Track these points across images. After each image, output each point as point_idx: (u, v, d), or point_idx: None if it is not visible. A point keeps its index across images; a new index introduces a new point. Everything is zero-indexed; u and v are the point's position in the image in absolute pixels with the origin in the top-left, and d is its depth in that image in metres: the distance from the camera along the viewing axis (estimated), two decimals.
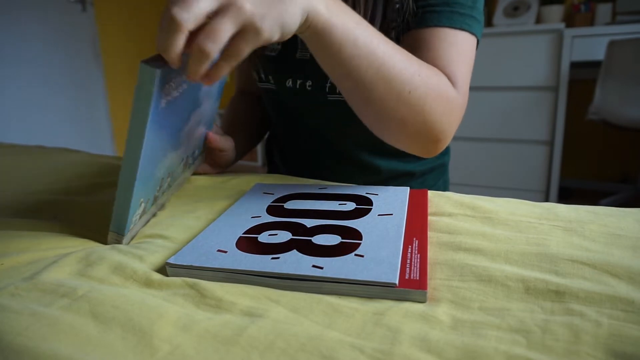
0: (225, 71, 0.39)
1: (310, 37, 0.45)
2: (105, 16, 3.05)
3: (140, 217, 0.48)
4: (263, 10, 0.37)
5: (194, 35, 0.36)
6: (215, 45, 0.35)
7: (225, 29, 0.35)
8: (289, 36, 0.41)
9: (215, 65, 0.38)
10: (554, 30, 2.08)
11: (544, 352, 0.26)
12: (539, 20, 2.36)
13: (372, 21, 0.58)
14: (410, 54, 0.51)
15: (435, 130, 0.53)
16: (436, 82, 0.52)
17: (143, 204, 0.47)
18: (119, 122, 3.27)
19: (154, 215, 0.53)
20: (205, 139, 0.62)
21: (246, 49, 0.38)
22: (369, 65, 0.47)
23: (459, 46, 0.57)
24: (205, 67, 0.37)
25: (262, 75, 0.72)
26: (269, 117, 0.86)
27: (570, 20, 2.35)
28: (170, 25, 0.34)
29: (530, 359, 0.26)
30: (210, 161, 0.68)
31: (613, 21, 2.25)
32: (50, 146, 0.96)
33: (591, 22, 2.30)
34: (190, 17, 0.34)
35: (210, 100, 0.56)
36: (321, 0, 0.43)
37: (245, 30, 0.37)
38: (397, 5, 0.59)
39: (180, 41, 0.35)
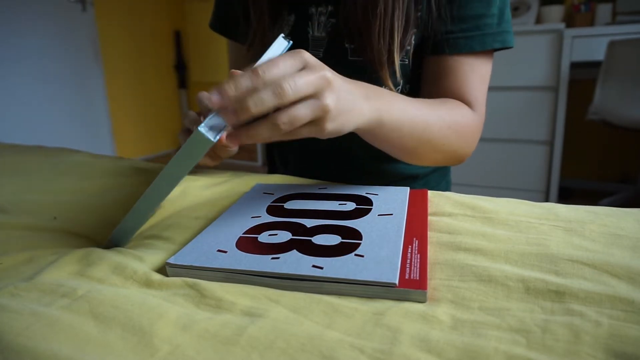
0: (263, 139, 0.39)
1: (366, 132, 0.49)
2: (105, 16, 3.05)
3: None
4: (337, 113, 0.39)
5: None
6: (289, 128, 0.37)
7: (304, 119, 0.38)
8: (338, 131, 0.42)
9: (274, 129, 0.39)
10: (554, 31, 2.08)
11: (544, 352, 0.26)
12: (539, 20, 2.36)
13: (391, 28, 0.59)
14: (441, 108, 0.58)
15: (460, 156, 0.63)
16: (464, 122, 0.60)
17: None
18: (118, 122, 3.27)
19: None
20: None
21: (304, 136, 0.40)
22: (412, 139, 0.54)
23: (482, 70, 0.63)
24: (271, 108, 0.36)
25: None
26: None
27: (570, 20, 2.35)
28: (275, 91, 0.35)
29: (530, 359, 0.26)
30: (212, 154, 0.67)
31: (613, 21, 2.25)
32: (50, 146, 0.96)
33: (591, 22, 2.30)
34: (293, 96, 0.36)
35: None
36: (378, 108, 0.47)
37: (313, 123, 0.39)
38: (419, 14, 0.60)
39: (273, 107, 0.36)
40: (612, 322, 0.29)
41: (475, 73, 0.62)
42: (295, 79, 0.36)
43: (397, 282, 0.33)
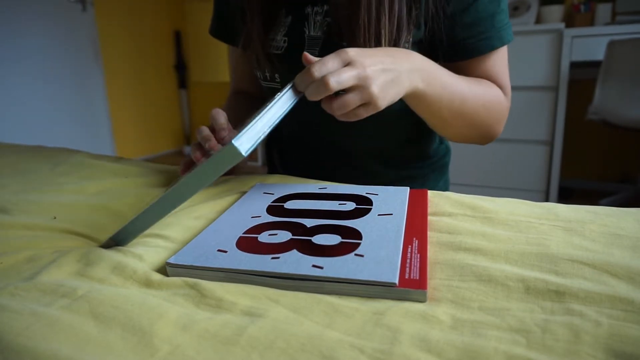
0: (337, 113, 0.48)
1: (409, 100, 0.56)
2: (105, 16, 3.05)
3: None
4: (383, 93, 0.48)
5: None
6: (343, 113, 0.48)
7: (354, 104, 0.47)
8: (390, 103, 0.50)
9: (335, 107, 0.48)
10: (554, 30, 2.08)
11: (544, 352, 0.26)
12: (538, 20, 2.36)
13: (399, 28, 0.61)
14: (478, 86, 0.63)
15: (493, 133, 0.68)
16: (496, 101, 0.65)
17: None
18: (118, 122, 3.27)
19: None
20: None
21: (363, 115, 0.49)
22: (450, 111, 0.60)
23: (504, 58, 0.68)
24: (319, 96, 0.46)
25: (268, 75, 0.72)
26: None
27: (570, 20, 2.35)
28: (321, 85, 0.45)
29: (530, 359, 0.26)
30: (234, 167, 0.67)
31: (613, 21, 2.25)
32: (50, 146, 0.96)
33: (591, 22, 2.30)
34: (336, 86, 0.45)
35: None
36: (420, 77, 0.53)
37: (366, 104, 0.48)
38: (417, 12, 0.62)
39: (325, 95, 0.46)
40: (612, 322, 0.29)
41: (499, 63, 0.67)
42: (340, 74, 0.45)
43: (397, 281, 0.33)
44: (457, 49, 0.64)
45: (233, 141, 0.36)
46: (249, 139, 0.38)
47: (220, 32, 0.80)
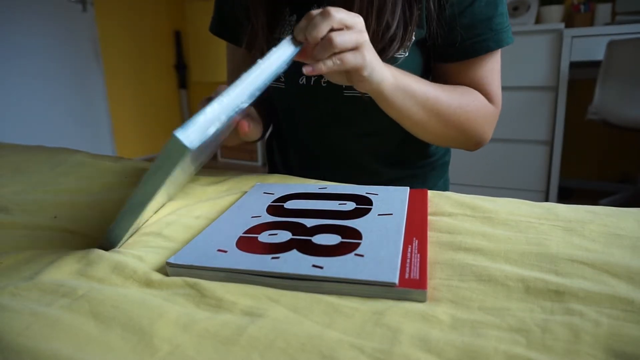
0: (324, 72, 0.50)
1: (381, 96, 0.57)
2: (105, 16, 3.05)
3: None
4: (372, 65, 0.51)
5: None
6: (340, 41, 0.48)
7: (351, 40, 0.49)
8: (371, 82, 0.53)
9: (321, 62, 0.49)
10: (554, 30, 2.08)
11: (543, 352, 0.26)
12: (538, 20, 2.36)
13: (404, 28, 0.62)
14: (453, 90, 0.64)
15: (475, 139, 0.68)
16: (475, 106, 0.65)
17: (143, 221, 0.47)
18: (118, 121, 3.27)
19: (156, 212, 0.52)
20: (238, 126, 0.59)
21: (350, 61, 0.49)
22: (423, 109, 0.60)
23: (495, 64, 0.68)
24: (326, 54, 0.48)
25: None
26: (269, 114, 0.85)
27: (570, 20, 2.35)
28: (324, 17, 0.47)
29: (530, 358, 0.26)
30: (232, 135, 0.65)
31: (613, 21, 2.25)
32: (50, 146, 0.96)
33: (591, 22, 2.30)
34: (337, 21, 0.48)
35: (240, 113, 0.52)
36: (390, 72, 0.56)
37: (356, 50, 0.50)
38: (419, 12, 0.62)
39: (326, 29, 0.48)
40: (611, 321, 0.29)
41: (491, 68, 0.67)
42: (344, 35, 0.48)
43: (397, 281, 0.33)
44: (453, 50, 0.64)
45: (175, 132, 0.32)
46: (198, 128, 0.34)
47: (220, 30, 0.80)
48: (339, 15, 0.48)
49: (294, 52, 0.49)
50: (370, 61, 0.51)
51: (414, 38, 0.63)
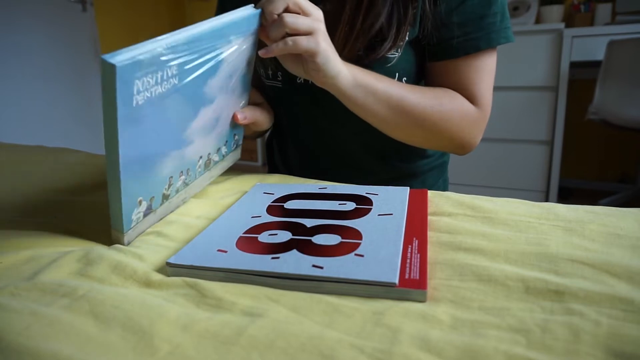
0: (277, 53, 0.53)
1: (337, 91, 0.57)
2: (105, 16, 3.05)
3: (144, 216, 0.48)
4: (326, 44, 0.53)
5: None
6: (291, 21, 0.50)
7: (304, 24, 0.51)
8: (326, 75, 0.54)
9: (274, 45, 0.52)
10: (554, 30, 2.08)
11: (543, 352, 0.26)
12: (538, 20, 2.36)
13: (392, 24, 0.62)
14: (424, 91, 0.63)
15: (455, 141, 0.66)
16: (451, 108, 0.63)
17: (144, 203, 0.47)
18: None
19: (166, 215, 0.52)
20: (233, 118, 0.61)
21: (303, 44, 0.51)
22: (389, 107, 0.60)
23: (486, 65, 0.65)
24: (279, 33, 0.51)
25: (270, 73, 0.72)
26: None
27: (570, 20, 2.35)
28: (280, 25, 0.50)
29: (530, 358, 0.26)
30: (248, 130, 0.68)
31: (613, 21, 2.25)
32: (50, 146, 0.96)
33: (591, 22, 2.30)
34: (292, 1, 0.51)
35: (230, 96, 0.55)
36: (352, 71, 0.57)
37: (310, 35, 0.51)
38: (414, 11, 0.61)
39: (281, 7, 0.51)
40: (611, 321, 0.29)
41: (480, 70, 0.65)
42: (297, 18, 0.50)
43: (397, 281, 0.33)
44: (442, 48, 0.64)
45: (104, 55, 0.35)
46: (126, 52, 0.37)
47: None
48: (293, 1, 0.51)
49: (251, 20, 0.52)
50: (325, 50, 0.52)
51: (407, 38, 0.63)
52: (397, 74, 0.65)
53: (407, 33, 0.62)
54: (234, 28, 0.50)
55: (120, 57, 0.36)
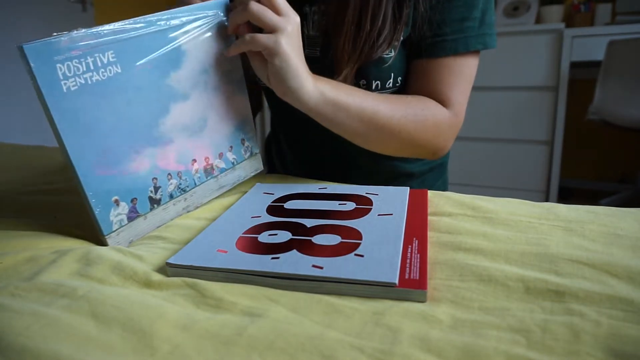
0: (237, 50, 0.52)
1: (315, 113, 0.56)
2: (105, 16, 3.05)
3: (130, 220, 0.46)
4: (286, 56, 0.50)
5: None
6: (255, 9, 0.48)
7: (270, 19, 0.49)
8: (288, 85, 0.52)
9: (235, 43, 0.52)
10: (554, 30, 2.08)
11: (543, 352, 0.26)
12: (538, 20, 2.36)
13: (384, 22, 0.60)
14: (397, 101, 0.61)
15: (428, 148, 0.65)
16: (424, 116, 0.62)
17: (123, 204, 0.46)
18: None
19: (167, 222, 0.51)
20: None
21: (262, 41, 0.49)
22: (361, 122, 0.58)
23: (464, 70, 0.64)
24: (240, 19, 0.50)
25: None
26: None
27: (570, 20, 2.35)
28: (244, 9, 0.49)
29: (530, 358, 0.26)
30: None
31: (613, 21, 2.25)
32: (51, 146, 0.96)
33: (591, 22, 2.30)
34: (255, 15, 0.49)
35: (213, 94, 0.53)
36: (321, 86, 0.54)
37: (272, 33, 0.49)
38: (408, 10, 0.61)
39: (243, 20, 0.51)
40: (611, 321, 0.29)
41: (456, 73, 0.64)
42: (265, 10, 0.49)
43: (397, 281, 0.33)
44: (421, 46, 0.63)
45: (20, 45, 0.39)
46: (44, 41, 0.39)
47: None
48: None
49: (211, 7, 0.52)
50: (286, 53, 0.49)
51: (402, 37, 0.62)
52: (392, 74, 0.65)
53: (402, 32, 0.62)
54: (184, 11, 0.49)
55: (36, 45, 0.39)
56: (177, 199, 0.51)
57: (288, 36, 0.50)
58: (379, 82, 0.65)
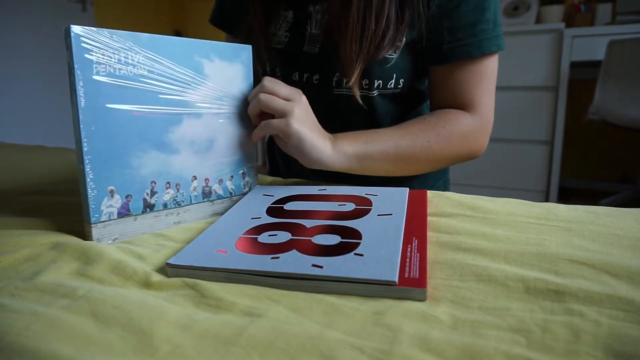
0: (259, 135, 0.56)
1: (331, 168, 0.57)
2: (105, 16, 3.05)
3: (120, 216, 0.46)
4: (301, 126, 0.53)
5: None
6: (264, 99, 0.53)
7: (278, 105, 0.53)
8: (308, 156, 0.55)
9: (256, 129, 0.56)
10: (554, 30, 2.08)
11: (543, 352, 0.26)
12: (539, 20, 2.36)
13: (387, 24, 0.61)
14: (417, 127, 0.63)
15: (462, 157, 0.66)
16: (449, 132, 0.63)
17: (117, 196, 0.46)
18: None
19: (161, 230, 0.50)
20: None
21: (274, 125, 0.53)
22: (387, 163, 0.61)
23: (483, 71, 0.65)
24: (254, 110, 0.54)
25: (268, 69, 0.72)
26: None
27: (570, 20, 2.35)
28: (255, 102, 0.54)
29: (530, 358, 0.26)
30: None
31: (613, 21, 2.25)
32: (50, 146, 0.96)
33: (591, 22, 2.30)
34: (267, 88, 0.53)
35: (226, 122, 0.55)
36: (334, 143, 0.57)
37: (282, 117, 0.53)
38: (410, 12, 0.61)
39: (258, 110, 0.54)
40: (611, 321, 0.29)
41: (476, 76, 0.64)
42: (274, 99, 0.53)
43: (396, 280, 0.33)
44: (435, 53, 0.64)
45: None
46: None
47: (220, 21, 0.81)
48: (272, 85, 0.54)
49: (238, 51, 0.55)
50: (297, 132, 0.53)
51: (405, 39, 0.63)
52: (394, 75, 0.65)
53: (405, 34, 0.62)
54: (214, 47, 0.53)
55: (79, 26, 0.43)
56: (170, 210, 0.51)
57: (297, 117, 0.53)
58: (381, 81, 0.65)
